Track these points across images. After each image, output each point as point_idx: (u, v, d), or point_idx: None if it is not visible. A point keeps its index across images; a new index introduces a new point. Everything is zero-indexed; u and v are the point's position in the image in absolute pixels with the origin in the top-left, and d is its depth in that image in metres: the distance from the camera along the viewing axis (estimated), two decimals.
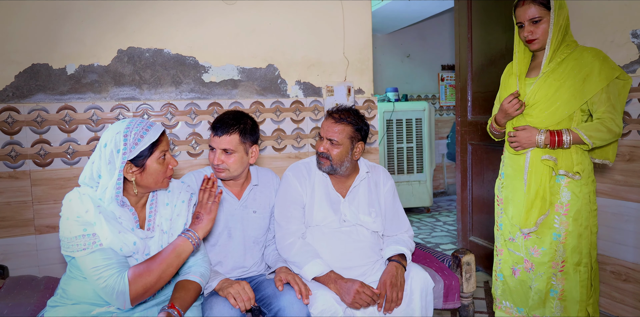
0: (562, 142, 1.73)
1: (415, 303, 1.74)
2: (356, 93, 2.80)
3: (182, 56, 2.43)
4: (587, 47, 1.80)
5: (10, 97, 2.17)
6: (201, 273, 1.53)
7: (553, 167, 1.78)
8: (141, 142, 1.37)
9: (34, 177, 2.20)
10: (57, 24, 2.21)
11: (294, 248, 1.79)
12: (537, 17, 1.77)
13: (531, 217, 1.81)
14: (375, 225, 1.91)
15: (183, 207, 1.56)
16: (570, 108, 1.75)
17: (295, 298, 1.61)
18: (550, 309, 1.81)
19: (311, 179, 1.93)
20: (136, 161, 1.38)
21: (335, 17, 2.71)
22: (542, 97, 1.78)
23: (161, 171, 1.44)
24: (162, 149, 1.43)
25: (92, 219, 1.33)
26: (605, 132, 1.71)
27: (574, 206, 1.77)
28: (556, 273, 1.79)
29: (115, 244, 1.34)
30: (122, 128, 1.37)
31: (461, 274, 1.95)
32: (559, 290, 1.79)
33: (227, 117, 1.77)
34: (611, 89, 1.72)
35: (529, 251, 1.85)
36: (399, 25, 5.53)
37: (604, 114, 1.71)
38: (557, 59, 1.78)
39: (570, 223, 1.77)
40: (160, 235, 1.48)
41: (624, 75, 1.76)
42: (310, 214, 1.89)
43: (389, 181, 2.02)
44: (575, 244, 1.77)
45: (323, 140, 1.86)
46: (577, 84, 1.73)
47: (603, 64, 1.72)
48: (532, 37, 1.80)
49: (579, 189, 1.77)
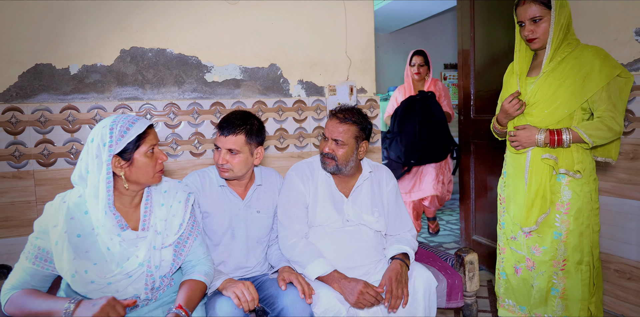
0: (562, 141, 1.73)
1: (418, 302, 1.73)
2: (358, 92, 2.80)
3: (184, 56, 2.44)
4: (588, 46, 1.78)
5: (13, 97, 2.18)
6: (205, 272, 1.53)
7: (553, 166, 1.78)
8: (127, 135, 1.36)
9: (38, 177, 2.21)
10: (59, 24, 2.22)
11: (297, 248, 1.79)
12: (537, 16, 1.77)
13: (532, 216, 1.82)
14: (378, 224, 1.91)
15: (179, 207, 1.53)
16: (570, 107, 1.74)
17: (298, 298, 1.60)
18: (551, 307, 1.81)
19: (314, 179, 1.92)
20: (123, 155, 1.37)
21: (337, 16, 2.70)
22: (542, 96, 1.78)
23: (150, 164, 1.42)
24: (150, 143, 1.42)
25: (56, 237, 1.33)
26: (606, 130, 1.70)
27: (575, 205, 1.76)
28: (557, 272, 1.79)
29: (68, 270, 1.33)
30: (108, 122, 1.38)
31: (464, 273, 1.95)
32: (560, 288, 1.79)
33: (233, 117, 1.77)
34: (612, 87, 1.71)
35: (530, 250, 1.85)
36: (401, 24, 5.53)
37: (604, 112, 1.70)
38: (557, 58, 1.77)
39: (571, 222, 1.77)
40: (154, 236, 1.45)
41: (626, 73, 1.74)
42: (314, 213, 1.88)
43: (391, 180, 2.02)
44: (577, 243, 1.77)
45: (328, 141, 1.86)
46: (577, 82, 1.72)
47: (604, 63, 1.70)
48: (532, 36, 1.80)
49: (580, 187, 1.76)
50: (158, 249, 1.44)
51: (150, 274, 1.41)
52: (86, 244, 1.36)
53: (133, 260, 1.39)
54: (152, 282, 1.42)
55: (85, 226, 1.37)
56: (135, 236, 1.42)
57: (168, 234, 1.49)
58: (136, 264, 1.39)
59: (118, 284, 1.37)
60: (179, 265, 1.52)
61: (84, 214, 1.38)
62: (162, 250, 1.46)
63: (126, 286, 1.38)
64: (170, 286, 1.52)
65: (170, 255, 1.48)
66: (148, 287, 1.41)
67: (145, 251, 1.41)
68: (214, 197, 1.80)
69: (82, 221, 1.37)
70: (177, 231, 1.50)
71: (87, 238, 1.37)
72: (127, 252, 1.40)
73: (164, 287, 1.49)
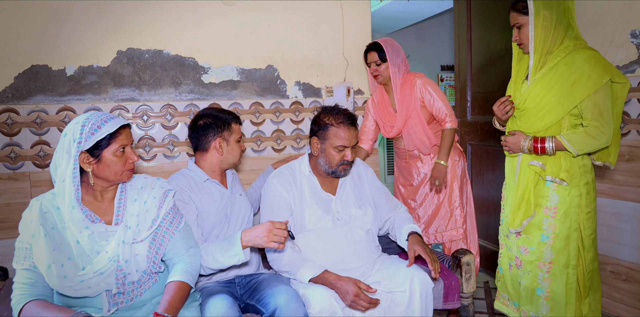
0: (545, 149, 1.74)
1: (415, 304, 1.73)
2: (355, 94, 2.80)
3: (181, 57, 2.44)
4: (582, 50, 1.74)
5: (9, 99, 2.17)
6: (186, 270, 1.52)
7: (540, 173, 1.79)
8: (97, 133, 1.39)
9: (34, 178, 2.20)
10: (56, 26, 2.21)
11: (284, 258, 1.79)
12: (516, 23, 1.78)
13: (517, 218, 1.85)
14: (367, 217, 1.93)
15: (153, 203, 1.53)
16: (556, 116, 1.73)
17: (292, 297, 1.61)
18: (536, 306, 1.84)
19: (297, 183, 1.93)
20: (93, 152, 1.40)
21: (334, 17, 2.71)
22: (530, 103, 1.78)
23: (119, 163, 1.44)
24: (121, 143, 1.44)
25: (32, 230, 1.38)
26: (590, 141, 1.68)
27: (562, 209, 1.77)
28: (543, 273, 1.81)
29: (44, 261, 1.36)
30: (82, 119, 1.41)
31: (461, 274, 1.95)
32: (544, 290, 1.81)
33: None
34: (599, 95, 1.67)
35: (519, 249, 1.88)
36: (398, 25, 5.54)
37: (590, 121, 1.68)
38: (550, 64, 1.74)
39: (557, 225, 1.78)
40: (124, 230, 1.46)
41: (621, 78, 1.70)
42: (302, 217, 1.89)
43: (368, 169, 2.09)
44: (562, 246, 1.78)
45: (348, 149, 1.86)
46: (564, 91, 1.70)
47: (593, 69, 1.66)
48: (518, 42, 1.83)
49: (567, 192, 1.76)
50: (128, 244, 1.45)
51: (120, 269, 1.43)
52: (59, 237, 1.40)
53: (103, 255, 1.41)
54: (123, 277, 1.43)
55: (58, 220, 1.41)
56: (104, 229, 1.44)
57: (140, 229, 1.50)
58: (106, 260, 1.41)
59: (90, 281, 1.39)
60: (156, 261, 1.51)
61: (56, 209, 1.42)
62: (135, 245, 1.47)
63: (98, 282, 1.41)
64: (155, 281, 1.52)
65: (145, 250, 1.49)
66: (119, 281, 1.42)
67: (115, 245, 1.43)
68: (203, 192, 1.84)
69: (55, 215, 1.41)
70: (149, 227, 1.50)
71: (59, 231, 1.41)
72: (97, 246, 1.42)
73: (149, 283, 1.50)
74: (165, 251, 1.55)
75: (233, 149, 1.88)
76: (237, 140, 1.89)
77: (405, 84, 2.44)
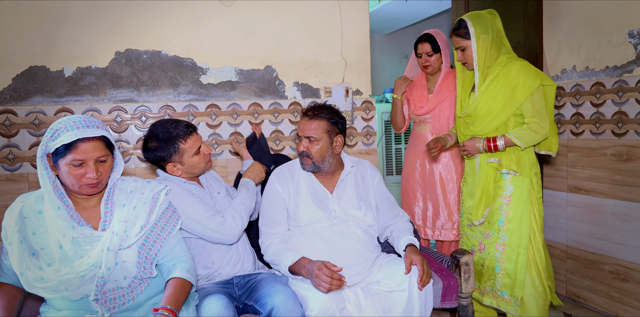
0: (497, 146, 2.04)
1: (414, 302, 1.74)
2: (354, 94, 2.80)
3: (180, 58, 2.44)
4: (515, 61, 2.02)
5: (7, 100, 2.17)
6: (187, 269, 1.51)
7: (497, 168, 2.09)
8: (56, 140, 1.33)
9: (32, 180, 2.20)
10: (54, 26, 2.21)
11: (271, 248, 1.84)
12: (460, 46, 2.08)
13: (479, 212, 2.13)
14: (366, 219, 1.93)
15: (143, 209, 1.48)
16: (503, 117, 2.04)
17: (289, 297, 1.61)
18: (492, 282, 2.11)
19: (294, 179, 1.96)
20: (54, 158, 1.37)
21: (332, 18, 2.71)
22: (481, 110, 2.07)
23: (73, 175, 1.36)
24: (78, 157, 1.34)
25: (9, 237, 1.37)
26: (533, 134, 2.00)
27: (515, 196, 2.06)
28: (499, 254, 2.08)
29: (17, 268, 1.35)
30: (59, 121, 1.38)
31: (460, 274, 1.96)
32: (500, 267, 2.08)
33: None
34: (535, 97, 1.99)
35: (482, 235, 2.16)
36: (396, 26, 5.54)
37: (531, 119, 2.00)
38: (491, 76, 2.05)
39: (511, 211, 2.06)
40: (110, 237, 1.40)
41: (548, 81, 2.02)
42: (296, 213, 1.91)
43: (376, 173, 2.08)
44: (515, 228, 2.05)
45: (302, 140, 1.91)
46: (507, 97, 2.01)
47: (526, 77, 1.98)
48: (462, 62, 2.13)
49: (520, 181, 2.06)
50: (113, 251, 1.40)
51: (101, 276, 1.37)
52: (42, 242, 1.37)
53: (85, 260, 1.37)
54: (103, 284, 1.38)
55: (39, 224, 1.38)
56: (90, 233, 1.39)
57: (128, 235, 1.44)
58: (86, 265, 1.36)
59: (69, 283, 1.35)
60: (147, 266, 1.47)
61: (37, 213, 1.39)
62: (122, 251, 1.42)
63: (78, 285, 1.36)
64: (148, 285, 1.48)
65: (134, 255, 1.43)
66: (98, 288, 1.37)
67: (99, 251, 1.38)
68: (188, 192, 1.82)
69: (36, 220, 1.38)
70: (137, 233, 1.45)
71: (41, 236, 1.38)
72: (81, 250, 1.38)
73: (140, 288, 1.46)
74: (160, 255, 1.51)
75: (192, 164, 1.81)
76: (194, 153, 1.80)
77: (450, 74, 2.63)
